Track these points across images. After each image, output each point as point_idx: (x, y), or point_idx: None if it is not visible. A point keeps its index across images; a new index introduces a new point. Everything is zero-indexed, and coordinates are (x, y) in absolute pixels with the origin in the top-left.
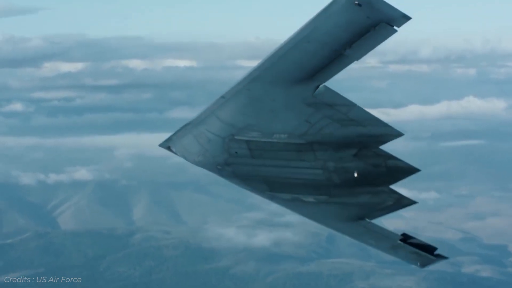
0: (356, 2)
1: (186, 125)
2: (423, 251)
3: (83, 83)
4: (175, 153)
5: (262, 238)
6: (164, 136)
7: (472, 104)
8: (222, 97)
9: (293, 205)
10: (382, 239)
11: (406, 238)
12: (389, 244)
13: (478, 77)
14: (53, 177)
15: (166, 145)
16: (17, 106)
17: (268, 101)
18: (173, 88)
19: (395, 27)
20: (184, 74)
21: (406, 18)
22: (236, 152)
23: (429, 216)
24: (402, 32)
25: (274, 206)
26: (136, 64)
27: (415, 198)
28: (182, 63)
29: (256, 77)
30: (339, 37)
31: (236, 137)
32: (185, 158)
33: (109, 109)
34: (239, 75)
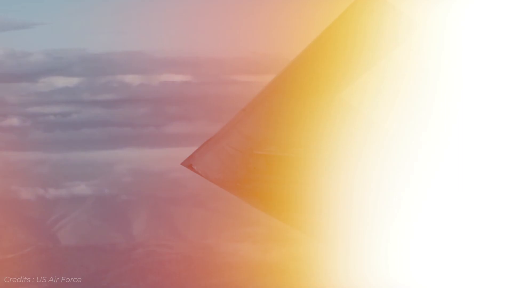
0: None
1: (208, 140)
2: None
3: (79, 98)
4: (197, 172)
5: (263, 253)
6: (163, 151)
7: None
8: (243, 110)
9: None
10: None
11: None
12: None
13: None
14: (52, 192)
15: (188, 163)
16: (13, 121)
17: (286, 113)
18: (170, 103)
19: None
20: (180, 88)
21: None
22: (254, 168)
23: None
24: None
25: (273, 221)
26: (133, 78)
27: None
28: (179, 77)
29: (275, 88)
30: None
31: (255, 152)
32: (206, 176)
33: (106, 124)
34: (236, 89)
